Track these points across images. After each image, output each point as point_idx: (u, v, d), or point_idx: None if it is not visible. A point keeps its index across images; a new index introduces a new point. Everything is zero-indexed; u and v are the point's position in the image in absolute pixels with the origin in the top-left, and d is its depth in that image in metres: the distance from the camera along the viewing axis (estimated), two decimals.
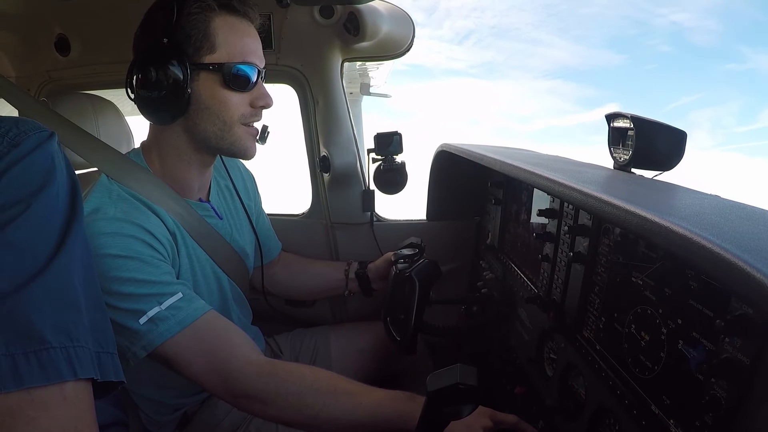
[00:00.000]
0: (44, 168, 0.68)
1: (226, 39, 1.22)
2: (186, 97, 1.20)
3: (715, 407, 0.72)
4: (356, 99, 4.27)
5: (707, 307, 0.77)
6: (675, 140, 1.39)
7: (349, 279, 1.83)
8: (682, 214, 0.83)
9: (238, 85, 1.24)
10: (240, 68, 1.23)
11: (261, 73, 1.30)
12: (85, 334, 0.65)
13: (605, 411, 1.02)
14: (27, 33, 2.06)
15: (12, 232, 0.61)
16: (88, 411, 0.64)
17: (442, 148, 1.86)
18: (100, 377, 0.66)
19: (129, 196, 1.24)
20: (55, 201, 0.67)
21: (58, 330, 0.61)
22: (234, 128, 1.28)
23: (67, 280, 0.65)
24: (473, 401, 0.89)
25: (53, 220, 0.67)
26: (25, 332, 0.58)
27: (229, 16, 1.23)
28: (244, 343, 1.24)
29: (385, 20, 1.75)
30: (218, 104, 1.24)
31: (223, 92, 1.24)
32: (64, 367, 0.60)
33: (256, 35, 1.30)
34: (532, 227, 1.52)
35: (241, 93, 1.26)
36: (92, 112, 1.82)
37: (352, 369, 1.74)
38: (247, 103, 1.28)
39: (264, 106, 1.31)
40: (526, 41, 51.02)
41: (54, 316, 0.62)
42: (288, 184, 2.84)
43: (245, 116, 1.28)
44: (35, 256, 0.63)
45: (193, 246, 1.35)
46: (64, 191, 0.70)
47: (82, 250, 0.69)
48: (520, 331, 1.48)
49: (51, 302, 0.62)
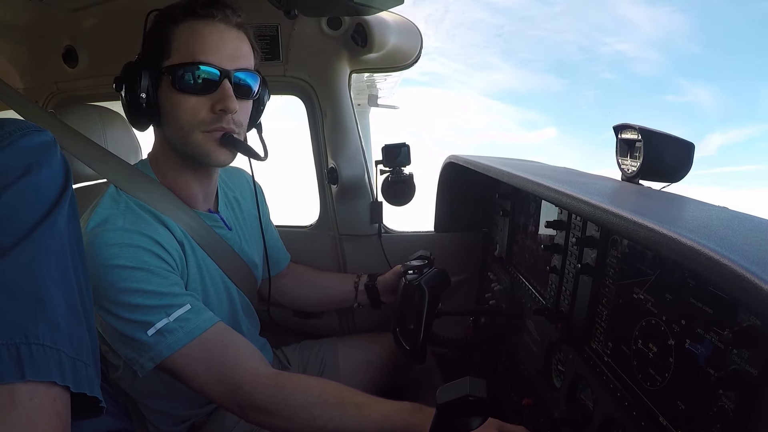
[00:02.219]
0: (25, 162, 0.64)
1: (183, 42, 1.19)
2: (143, 104, 1.21)
3: (723, 418, 0.72)
4: (364, 110, 4.30)
5: (715, 318, 0.77)
6: (683, 152, 1.39)
7: (359, 291, 1.83)
8: (690, 226, 0.83)
9: (188, 87, 1.19)
10: (189, 68, 1.18)
11: (228, 74, 1.20)
12: (51, 332, 0.59)
13: (613, 422, 1.01)
14: (35, 44, 2.09)
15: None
16: (48, 422, 0.58)
17: (450, 160, 1.87)
18: (73, 386, 0.60)
19: (137, 207, 1.24)
20: (33, 193, 0.64)
21: (9, 325, 0.56)
22: (192, 134, 1.22)
23: (30, 270, 0.60)
24: (483, 413, 0.89)
25: (26, 210, 0.63)
26: None
27: (192, 21, 1.19)
28: (252, 354, 1.24)
29: (392, 31, 1.76)
30: (174, 109, 1.21)
31: (177, 96, 1.20)
32: (6, 366, 0.54)
33: (224, 34, 1.22)
34: (539, 239, 1.52)
35: (198, 96, 1.20)
36: (100, 123, 1.84)
37: (360, 380, 1.74)
38: (208, 107, 1.21)
39: (223, 110, 1.20)
40: (471, 65, 50.23)
41: (6, 307, 0.57)
42: (296, 196, 2.85)
43: (205, 122, 1.21)
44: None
45: (203, 256, 1.35)
46: (48, 186, 0.66)
47: (58, 244, 0.65)
48: (528, 343, 1.47)
49: (5, 292, 0.57)
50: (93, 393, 0.63)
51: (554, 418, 1.24)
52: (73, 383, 0.60)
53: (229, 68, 1.21)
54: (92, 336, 0.69)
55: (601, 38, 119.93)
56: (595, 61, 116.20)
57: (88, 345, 0.66)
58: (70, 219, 0.68)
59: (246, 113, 1.31)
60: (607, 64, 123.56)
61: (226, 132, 1.23)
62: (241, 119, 1.27)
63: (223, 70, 1.20)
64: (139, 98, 1.21)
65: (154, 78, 1.21)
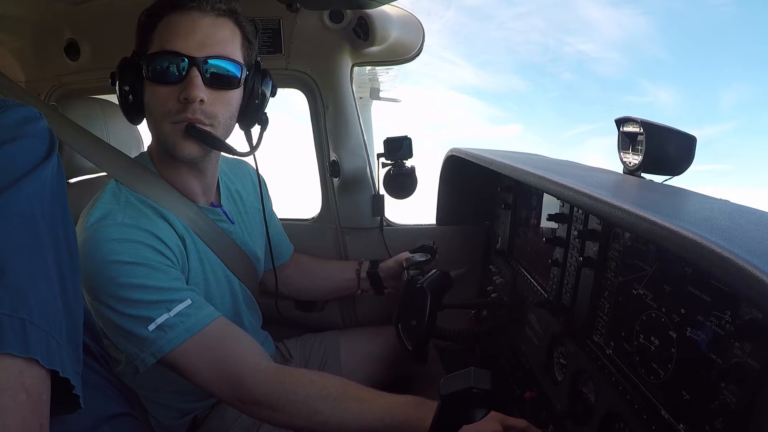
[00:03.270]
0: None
1: (158, 34, 1.18)
2: (129, 96, 1.21)
3: (725, 412, 0.72)
4: (366, 104, 4.27)
5: (714, 304, 0.77)
6: (685, 145, 1.39)
7: (361, 279, 1.83)
8: (692, 219, 0.83)
9: (157, 76, 1.17)
10: (155, 57, 1.16)
11: (196, 62, 1.15)
12: (11, 299, 0.56)
13: (615, 416, 1.01)
14: (37, 38, 2.09)
15: None
16: (11, 395, 0.54)
17: (452, 153, 1.86)
18: (43, 359, 0.56)
19: (137, 202, 1.24)
20: (2, 164, 0.61)
21: None
22: (161, 125, 1.20)
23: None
24: (486, 405, 0.88)
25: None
26: None
27: (173, 14, 1.17)
28: (254, 349, 1.24)
29: (394, 25, 1.76)
30: (148, 99, 1.20)
31: (149, 87, 1.19)
32: None
33: (195, 22, 1.17)
34: (541, 232, 1.52)
35: (166, 86, 1.17)
36: (102, 116, 1.84)
37: (362, 373, 1.74)
38: (175, 97, 1.17)
39: (186, 98, 1.15)
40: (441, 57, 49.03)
41: None
42: (298, 189, 2.85)
43: (171, 112, 1.18)
44: None
45: (205, 250, 1.35)
46: (22, 158, 0.64)
47: (25, 212, 0.61)
48: (530, 336, 1.47)
49: None
50: (65, 374, 0.60)
51: (556, 411, 1.24)
52: (43, 357, 0.56)
53: (198, 55, 1.16)
54: (71, 318, 0.66)
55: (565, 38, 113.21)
56: (557, 62, 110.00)
57: (61, 323, 0.63)
58: (52, 193, 0.66)
59: (224, 104, 1.23)
60: (569, 65, 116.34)
61: (190, 123, 1.18)
62: (214, 110, 1.21)
63: (190, 57, 1.15)
64: (125, 92, 1.21)
65: (137, 71, 1.20)
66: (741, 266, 0.60)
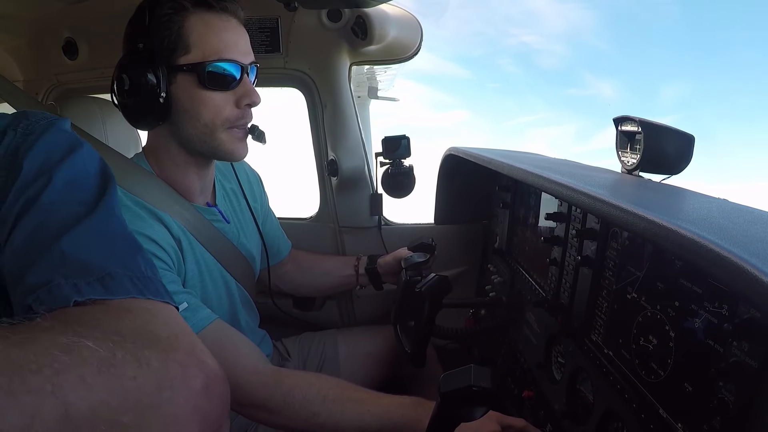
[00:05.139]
0: (64, 143, 0.71)
1: (201, 37, 1.17)
2: (161, 101, 1.17)
3: (723, 411, 0.72)
4: (364, 103, 4.27)
5: (706, 293, 0.78)
6: (683, 144, 1.39)
7: (359, 275, 1.83)
8: (690, 218, 0.83)
9: (215, 84, 1.19)
10: (216, 66, 1.18)
11: (246, 69, 1.23)
12: (151, 268, 0.67)
13: (613, 415, 1.02)
14: (35, 37, 2.08)
15: (45, 197, 0.64)
16: (178, 321, 0.63)
17: (450, 152, 1.86)
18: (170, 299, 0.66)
19: (133, 204, 1.22)
20: (82, 167, 0.70)
21: (126, 262, 0.63)
22: (217, 132, 1.23)
23: (120, 221, 0.69)
24: (486, 403, 0.88)
25: (83, 181, 0.69)
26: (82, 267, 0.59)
27: (205, 13, 1.18)
28: (250, 352, 1.24)
29: (392, 24, 1.76)
30: (198, 106, 1.20)
31: (202, 93, 1.19)
32: (131, 289, 0.60)
33: (238, 29, 1.23)
34: (539, 231, 1.52)
35: (222, 92, 1.21)
36: (100, 116, 1.83)
37: (360, 373, 1.74)
38: (231, 103, 1.22)
39: (250, 104, 1.24)
40: None
41: (120, 248, 0.65)
42: (295, 188, 2.84)
43: (230, 118, 1.23)
44: (71, 212, 0.64)
45: (201, 251, 1.35)
46: (91, 161, 0.73)
47: (119, 210, 0.72)
48: (528, 335, 1.47)
49: (110, 238, 0.65)
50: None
51: (554, 411, 1.24)
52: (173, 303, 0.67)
53: (246, 63, 1.23)
54: None
55: (509, 30, 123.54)
56: (502, 53, 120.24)
57: None
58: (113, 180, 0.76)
59: None
60: (512, 57, 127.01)
61: (253, 125, 1.28)
62: None
63: (243, 65, 1.21)
64: (148, 96, 1.17)
65: (171, 75, 1.18)
66: (740, 265, 0.60)
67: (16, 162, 0.66)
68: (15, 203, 0.64)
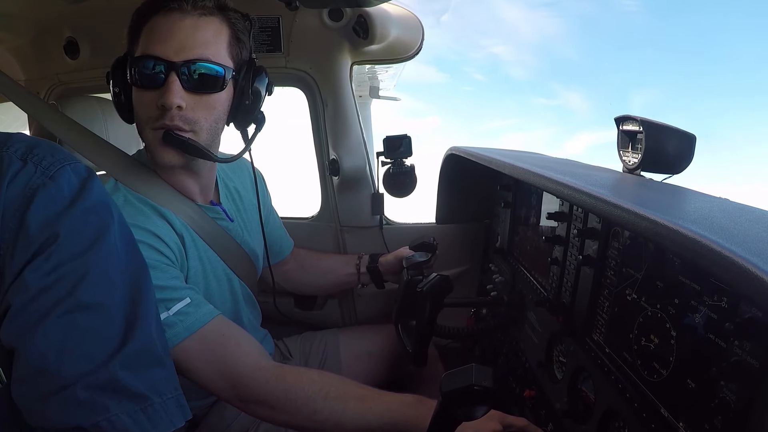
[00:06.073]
0: (98, 221, 0.72)
1: (143, 37, 1.18)
2: (120, 97, 1.23)
3: (724, 410, 0.72)
4: (365, 102, 4.27)
5: (714, 303, 0.77)
6: (684, 143, 1.39)
7: (361, 273, 1.83)
8: (692, 218, 0.83)
9: (137, 82, 1.17)
10: (136, 63, 1.16)
11: (172, 66, 1.13)
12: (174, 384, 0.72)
13: (614, 414, 1.02)
14: (37, 36, 2.08)
15: (83, 293, 0.65)
16: None
17: (451, 152, 1.86)
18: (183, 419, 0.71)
19: (136, 200, 1.23)
20: (114, 250, 0.73)
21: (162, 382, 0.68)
22: (144, 131, 1.21)
23: (149, 336, 0.72)
24: (488, 403, 0.88)
25: (115, 268, 0.71)
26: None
27: (156, 16, 1.16)
28: (253, 348, 1.24)
29: (394, 23, 1.76)
30: (134, 103, 1.21)
31: (135, 91, 1.19)
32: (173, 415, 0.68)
33: (175, 24, 1.15)
34: (541, 230, 1.52)
35: (149, 91, 1.16)
36: (101, 115, 1.83)
37: (361, 372, 1.74)
38: (155, 103, 1.15)
39: (162, 105, 1.14)
40: None
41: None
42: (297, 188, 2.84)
43: (152, 118, 1.18)
44: (118, 318, 0.67)
45: (204, 248, 1.35)
46: (120, 237, 0.76)
47: (153, 296, 0.74)
48: (530, 335, 1.47)
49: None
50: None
51: (556, 410, 1.24)
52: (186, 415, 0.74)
53: (177, 60, 1.14)
54: None
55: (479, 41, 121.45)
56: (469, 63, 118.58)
57: None
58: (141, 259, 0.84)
59: (207, 108, 1.21)
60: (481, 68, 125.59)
61: (167, 129, 1.17)
62: (195, 116, 1.19)
63: (169, 62, 1.14)
64: (116, 93, 1.23)
65: (125, 73, 1.20)
66: (741, 265, 0.60)
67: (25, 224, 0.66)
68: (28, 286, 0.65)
